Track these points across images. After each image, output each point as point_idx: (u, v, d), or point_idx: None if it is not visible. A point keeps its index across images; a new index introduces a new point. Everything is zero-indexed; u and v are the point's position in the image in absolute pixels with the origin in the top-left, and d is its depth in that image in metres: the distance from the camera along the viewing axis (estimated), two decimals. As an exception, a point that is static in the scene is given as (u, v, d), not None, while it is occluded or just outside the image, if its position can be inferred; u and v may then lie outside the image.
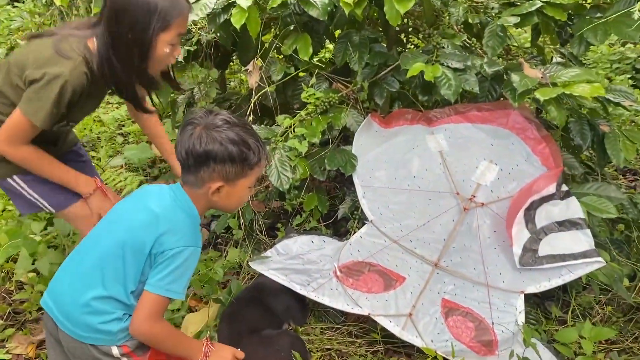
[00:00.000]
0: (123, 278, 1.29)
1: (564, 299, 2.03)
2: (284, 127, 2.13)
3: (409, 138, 2.25)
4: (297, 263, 1.98)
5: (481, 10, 2.28)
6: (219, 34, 2.23)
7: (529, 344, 1.59)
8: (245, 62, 2.32)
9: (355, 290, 1.87)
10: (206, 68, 2.43)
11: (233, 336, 1.76)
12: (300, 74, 2.36)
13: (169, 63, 1.61)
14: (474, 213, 2.06)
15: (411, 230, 2.07)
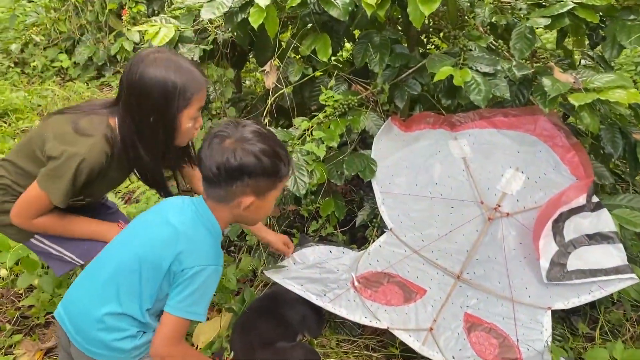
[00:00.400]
0: (139, 294, 1.25)
1: (592, 314, 1.94)
2: (301, 130, 2.05)
3: (431, 143, 2.16)
4: (314, 272, 1.91)
5: (508, 11, 2.19)
6: (235, 33, 2.16)
7: (557, 365, 1.51)
8: (262, 62, 2.26)
9: (374, 302, 1.79)
10: (222, 67, 2.37)
11: (245, 348, 1.70)
12: (317, 74, 2.29)
13: (193, 137, 1.58)
14: (499, 223, 1.97)
15: (433, 240, 1.99)
